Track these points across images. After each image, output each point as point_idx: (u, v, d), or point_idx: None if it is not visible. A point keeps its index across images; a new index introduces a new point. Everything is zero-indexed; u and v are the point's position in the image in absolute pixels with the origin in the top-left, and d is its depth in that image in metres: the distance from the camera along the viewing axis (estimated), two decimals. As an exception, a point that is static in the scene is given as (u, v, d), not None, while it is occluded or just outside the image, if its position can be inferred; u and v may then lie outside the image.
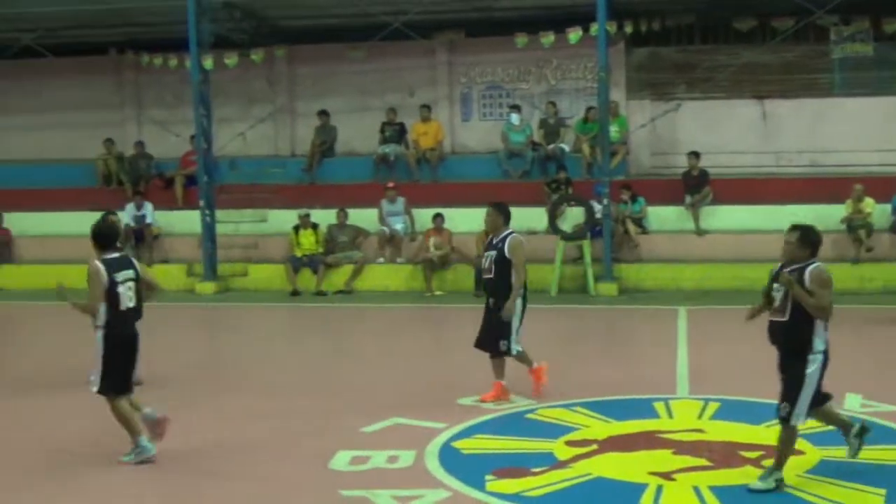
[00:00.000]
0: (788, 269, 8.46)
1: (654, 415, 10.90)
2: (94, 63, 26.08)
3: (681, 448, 9.56)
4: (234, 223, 22.57)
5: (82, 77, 26.06)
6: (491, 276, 11.47)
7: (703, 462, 9.20)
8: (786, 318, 8.45)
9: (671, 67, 24.12)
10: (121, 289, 9.68)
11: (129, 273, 9.85)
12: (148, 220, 22.96)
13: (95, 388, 9.62)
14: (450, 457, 9.60)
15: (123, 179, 24.37)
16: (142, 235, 22.84)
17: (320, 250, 21.88)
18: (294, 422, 11.05)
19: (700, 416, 10.80)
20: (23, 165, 25.79)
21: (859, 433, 8.86)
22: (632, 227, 21.34)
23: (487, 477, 8.88)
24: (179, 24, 21.57)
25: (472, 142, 24.89)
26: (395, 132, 23.90)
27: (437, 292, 20.93)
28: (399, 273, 21.74)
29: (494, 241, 11.55)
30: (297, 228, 22.07)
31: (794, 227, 8.71)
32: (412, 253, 21.80)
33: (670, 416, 10.88)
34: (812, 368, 8.39)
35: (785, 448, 8.52)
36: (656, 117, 23.45)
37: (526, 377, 11.82)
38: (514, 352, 11.56)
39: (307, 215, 22.01)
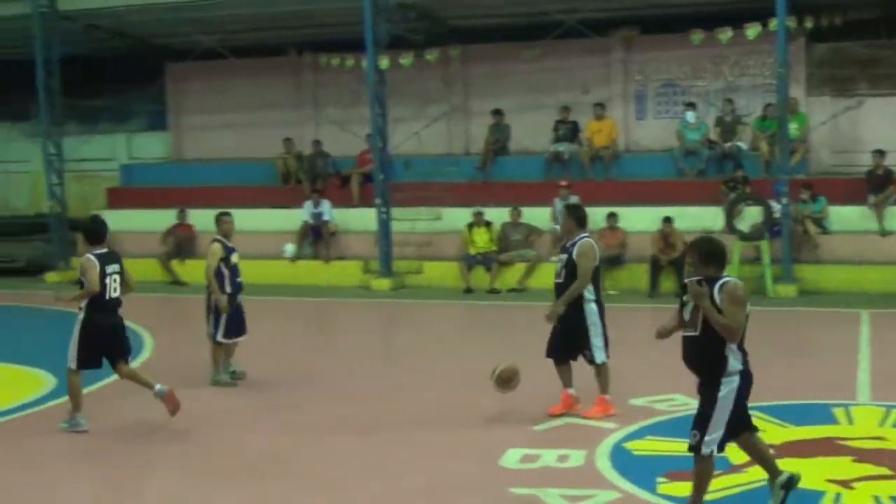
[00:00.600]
0: (697, 280, 7.75)
1: (833, 421, 10.62)
2: (273, 64, 26.71)
3: (861, 456, 9.29)
4: (409, 221, 22.83)
5: (262, 78, 26.72)
6: (560, 280, 11.10)
7: (885, 471, 8.91)
8: (697, 334, 7.70)
9: (853, 63, 23.40)
10: (107, 280, 10.92)
11: (116, 267, 11.06)
12: (325, 218, 23.41)
13: (73, 365, 10.99)
14: (621, 457, 9.53)
15: (302, 178, 24.88)
16: (319, 233, 23.32)
17: (494, 248, 21.95)
18: (465, 418, 11.12)
19: (882, 424, 10.47)
20: (206, 164, 26.62)
21: (786, 484, 7.88)
22: (811, 227, 20.78)
23: (659, 479, 8.80)
24: (356, 24, 21.91)
25: (647, 140, 24.62)
26: (568, 130, 23.81)
27: (611, 291, 20.74)
28: (572, 272, 21.63)
29: (567, 245, 11.18)
30: (470, 226, 22.19)
31: (692, 246, 8.04)
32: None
33: (850, 422, 10.57)
34: (725, 391, 7.58)
35: (699, 482, 7.77)
36: (837, 114, 22.82)
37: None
38: (598, 361, 11.05)
39: (481, 213, 22.11)
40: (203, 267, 13.43)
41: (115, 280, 11.00)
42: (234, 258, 13.39)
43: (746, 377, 7.67)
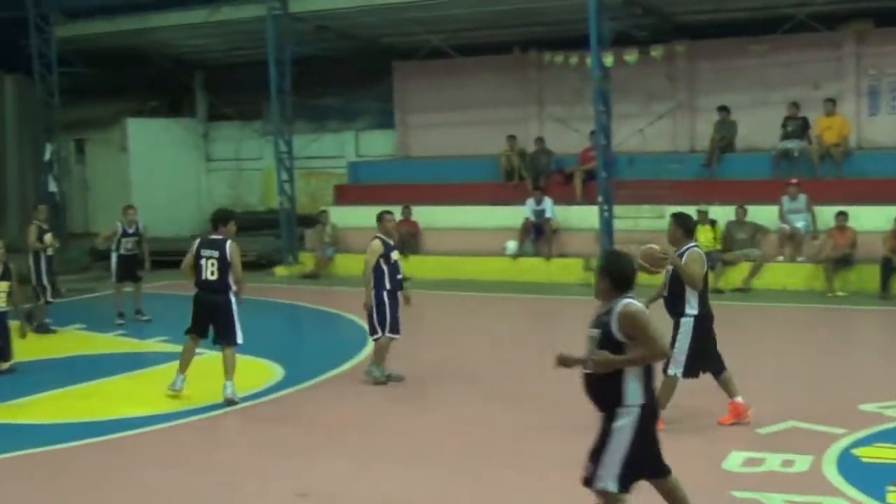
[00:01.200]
0: (603, 312, 7.09)
1: None
2: (498, 62, 26.88)
3: None
4: (631, 219, 22.63)
5: (487, 76, 26.93)
6: (665, 293, 10.74)
7: None
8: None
9: None
10: (202, 261, 12.29)
11: (214, 253, 12.24)
12: (547, 215, 23.44)
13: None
14: (849, 464, 9.24)
15: (524, 175, 24.97)
16: (541, 230, 23.37)
17: (718, 247, 21.54)
18: (688, 419, 10.97)
19: None
20: (431, 161, 27.00)
21: None
22: None
23: (889, 488, 8.49)
24: (580, 22, 21.84)
25: (881, 136, 23.69)
26: (797, 127, 23.14)
27: (840, 293, 20.11)
28: (799, 272, 21.05)
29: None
30: (695, 224, 21.80)
31: (600, 268, 7.23)
32: (814, 252, 21.06)
33: None
34: (621, 423, 6.95)
35: None
36: None
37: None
38: (670, 371, 10.61)
39: (705, 211, 21.72)
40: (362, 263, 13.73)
41: (212, 264, 12.28)
42: (395, 255, 13.60)
43: (648, 411, 7.01)
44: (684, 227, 10.84)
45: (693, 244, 10.76)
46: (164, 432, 11.50)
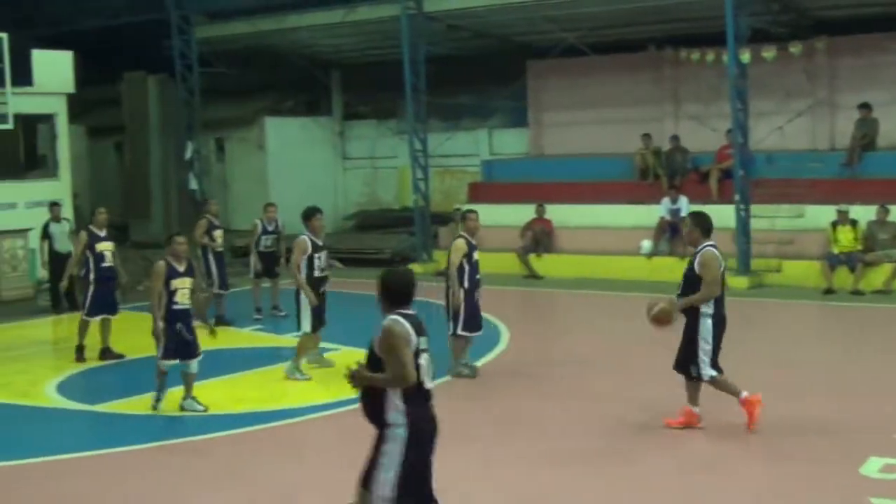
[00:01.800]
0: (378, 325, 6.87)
1: None
2: (633, 60, 26.66)
3: None
4: (768, 218, 22.23)
5: (622, 73, 26.73)
6: (679, 292, 10.69)
7: None
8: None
9: None
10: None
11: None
12: (682, 214, 23.14)
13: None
14: None
15: (660, 173, 24.72)
16: (676, 229, 23.10)
17: (859, 248, 21.04)
18: (826, 422, 10.77)
19: None
20: (565, 159, 26.93)
21: None
22: None
23: None
24: (717, 18, 21.54)
25: None
26: (942, 124, 22.49)
27: None
28: (944, 274, 20.46)
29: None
30: (834, 224, 21.36)
31: (378, 281, 7.00)
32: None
33: None
34: (388, 445, 6.82)
35: None
36: None
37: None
38: (705, 377, 10.59)
39: (846, 211, 21.23)
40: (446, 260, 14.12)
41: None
42: (476, 255, 13.76)
43: (414, 431, 6.84)
44: (702, 227, 10.80)
45: (710, 243, 10.71)
46: (295, 426, 11.69)
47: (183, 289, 12.08)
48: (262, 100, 31.34)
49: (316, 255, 14.06)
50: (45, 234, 20.32)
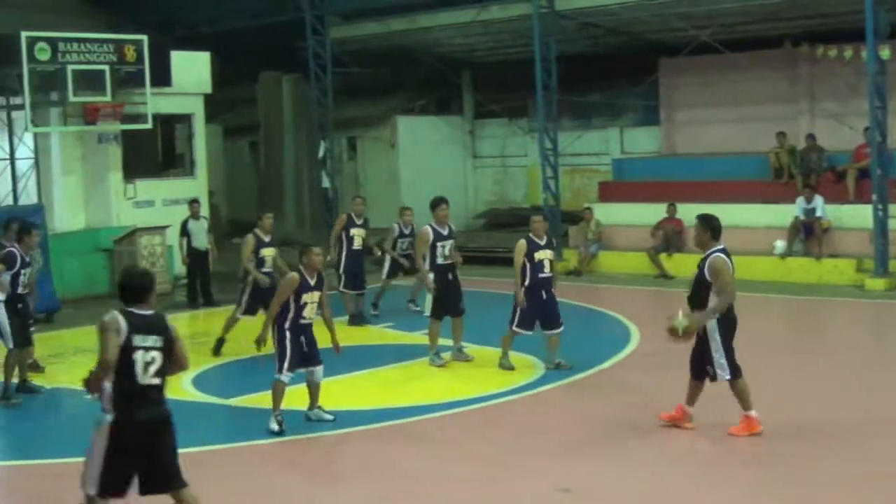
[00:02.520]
0: None
1: None
2: (767, 57, 26.17)
3: None
4: (908, 218, 21.65)
5: (756, 71, 26.23)
6: (689, 293, 10.67)
7: None
8: None
9: None
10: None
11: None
12: (818, 214, 22.69)
13: None
14: None
15: (794, 172, 24.25)
16: (811, 229, 22.64)
17: None
18: None
19: None
20: (697, 158, 26.60)
21: None
22: None
23: None
24: (855, 14, 21.05)
25: None
26: None
27: None
28: None
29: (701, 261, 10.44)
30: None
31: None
32: None
33: None
34: (98, 429, 7.50)
35: None
36: None
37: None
38: (720, 379, 10.58)
39: None
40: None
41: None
42: (540, 255, 13.94)
43: (116, 427, 7.46)
44: (711, 229, 10.75)
45: (718, 248, 10.63)
46: (428, 422, 11.77)
47: (312, 303, 11.60)
48: (393, 99, 31.60)
49: (439, 244, 14.43)
50: (184, 231, 20.79)
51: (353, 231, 18.54)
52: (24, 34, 19.98)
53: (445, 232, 14.59)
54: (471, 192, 31.80)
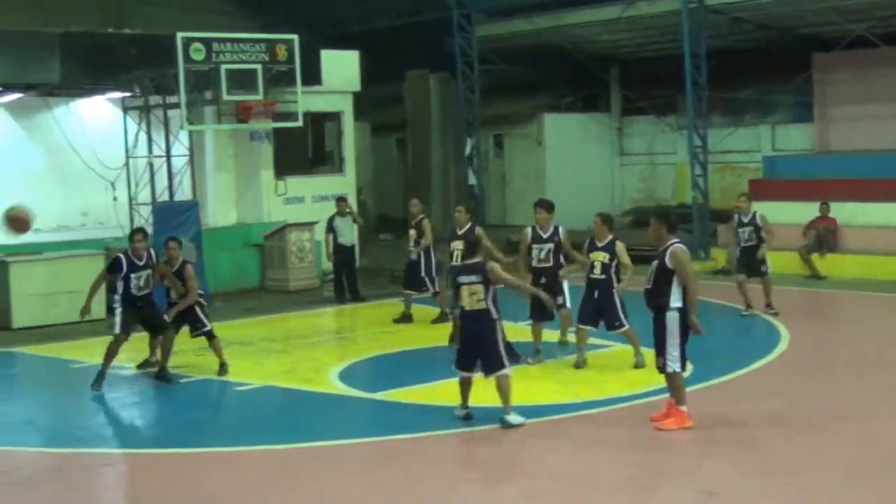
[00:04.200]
0: None
1: None
2: (926, 51, 25.38)
3: None
4: None
5: (915, 66, 25.50)
6: (648, 286, 11.04)
7: None
8: None
9: None
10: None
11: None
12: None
13: None
14: None
15: (954, 170, 23.48)
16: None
17: None
18: None
19: None
20: (853, 156, 25.91)
21: None
22: None
23: None
24: None
25: None
26: None
27: None
28: None
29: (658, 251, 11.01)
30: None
31: None
32: None
33: None
34: None
35: None
36: None
37: None
38: (668, 369, 10.95)
39: None
40: None
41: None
42: (593, 256, 14.14)
43: None
44: (667, 224, 11.29)
45: (676, 240, 11.14)
46: (570, 421, 11.70)
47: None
48: (540, 96, 31.55)
49: (535, 246, 14.38)
50: (330, 228, 21.06)
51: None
52: (179, 35, 20.46)
53: (545, 235, 14.49)
54: (617, 190, 31.57)
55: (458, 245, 15.50)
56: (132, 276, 13.93)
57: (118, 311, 14.02)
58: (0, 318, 19.00)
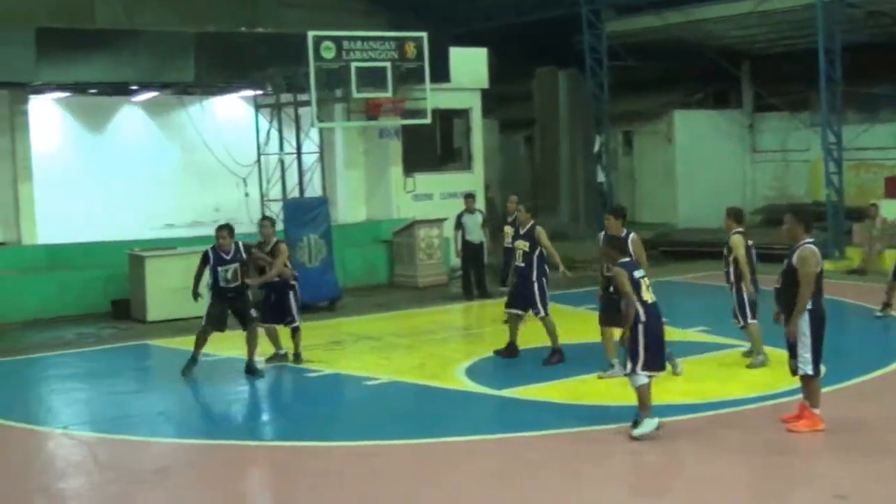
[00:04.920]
0: None
1: None
2: None
3: None
4: None
5: None
6: (778, 285, 10.92)
7: None
8: None
9: None
10: None
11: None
12: None
13: None
14: None
15: None
16: None
17: None
18: None
19: None
20: None
21: None
22: None
23: None
24: None
25: None
26: None
27: None
28: None
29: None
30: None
31: None
32: None
33: None
34: None
35: None
36: None
37: None
38: (801, 372, 10.74)
39: None
40: None
41: None
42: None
43: None
44: (805, 222, 11.01)
45: (810, 240, 10.86)
46: (700, 421, 11.58)
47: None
48: (670, 93, 31.23)
49: None
50: (458, 225, 21.15)
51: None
52: (310, 34, 20.73)
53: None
54: (748, 188, 31.10)
55: (521, 244, 14.89)
56: (219, 269, 14.48)
57: (208, 303, 14.69)
58: (135, 312, 19.55)
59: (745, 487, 9.45)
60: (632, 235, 13.13)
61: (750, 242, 14.25)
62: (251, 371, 14.59)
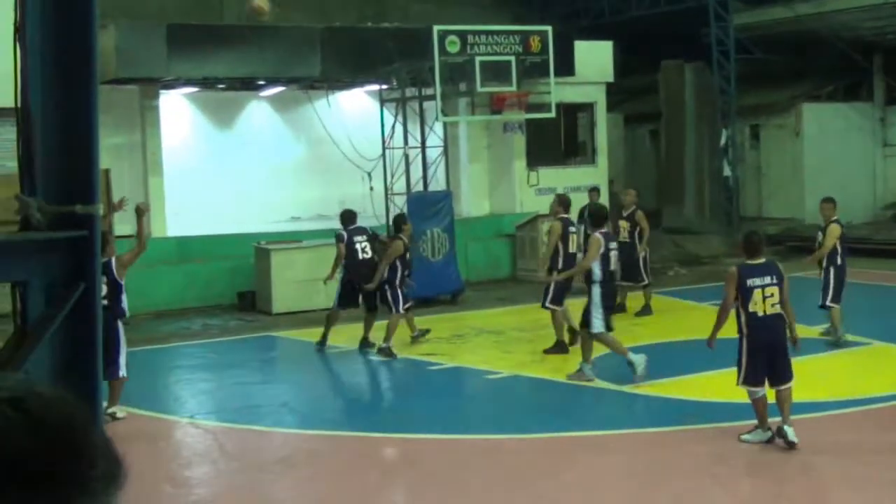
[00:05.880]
0: None
1: None
2: None
3: None
4: None
5: None
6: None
7: None
8: None
9: None
10: None
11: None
12: None
13: None
14: None
15: None
16: None
17: None
18: None
19: None
20: None
21: None
22: None
23: None
24: None
25: None
26: None
27: None
28: None
29: None
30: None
31: None
32: None
33: None
34: None
35: None
36: None
37: None
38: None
39: None
40: None
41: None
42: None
43: None
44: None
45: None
46: (821, 421, 11.33)
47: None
48: (798, 86, 30.61)
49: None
50: (582, 218, 21.04)
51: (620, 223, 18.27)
52: (435, 28, 20.80)
53: None
54: (879, 182, 30.34)
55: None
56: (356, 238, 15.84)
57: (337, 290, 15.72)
58: (261, 304, 19.85)
59: (867, 487, 9.21)
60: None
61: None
62: (363, 346, 15.46)
